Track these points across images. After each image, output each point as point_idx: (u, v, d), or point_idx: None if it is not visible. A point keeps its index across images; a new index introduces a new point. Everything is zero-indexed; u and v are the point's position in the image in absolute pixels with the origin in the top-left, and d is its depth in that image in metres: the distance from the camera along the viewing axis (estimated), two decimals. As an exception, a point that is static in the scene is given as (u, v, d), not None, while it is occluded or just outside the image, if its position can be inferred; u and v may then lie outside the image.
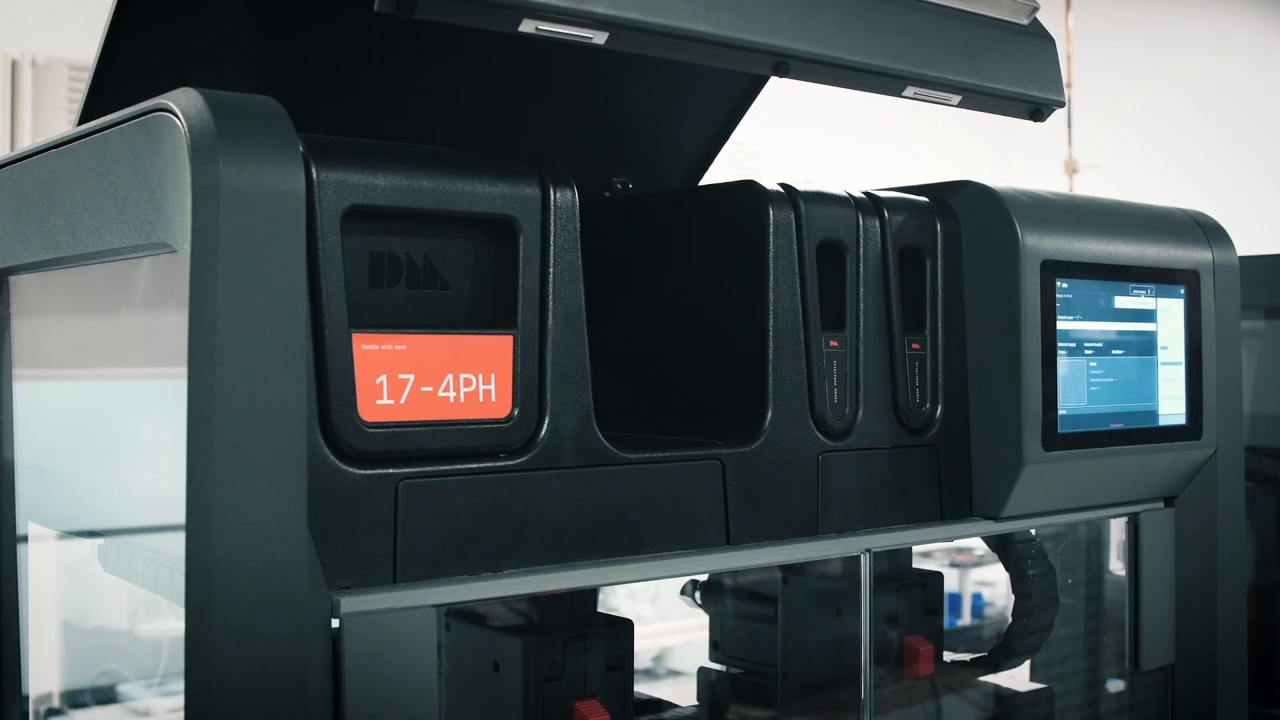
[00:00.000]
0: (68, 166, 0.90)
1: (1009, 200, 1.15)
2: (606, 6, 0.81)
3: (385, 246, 0.86)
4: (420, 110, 1.12)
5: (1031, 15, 1.08)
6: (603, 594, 1.14)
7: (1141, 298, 1.24)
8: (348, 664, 0.77)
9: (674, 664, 4.25)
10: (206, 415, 0.70)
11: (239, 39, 1.04)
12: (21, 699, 1.14)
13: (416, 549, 0.83)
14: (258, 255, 0.72)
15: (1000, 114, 1.09)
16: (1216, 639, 1.32)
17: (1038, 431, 1.14)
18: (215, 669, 0.70)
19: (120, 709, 3.01)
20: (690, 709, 1.28)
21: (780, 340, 1.03)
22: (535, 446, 0.88)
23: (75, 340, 1.05)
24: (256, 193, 0.72)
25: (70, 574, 1.34)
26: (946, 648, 1.34)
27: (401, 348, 0.83)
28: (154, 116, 0.77)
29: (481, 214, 0.87)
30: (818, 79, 0.96)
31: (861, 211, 1.10)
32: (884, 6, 0.98)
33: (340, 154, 0.81)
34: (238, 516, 0.71)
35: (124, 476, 0.97)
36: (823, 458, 1.05)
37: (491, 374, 0.86)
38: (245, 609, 0.71)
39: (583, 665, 1.02)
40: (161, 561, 0.86)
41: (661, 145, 1.31)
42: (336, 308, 0.80)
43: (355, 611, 0.78)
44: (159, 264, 0.84)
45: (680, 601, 1.38)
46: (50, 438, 1.10)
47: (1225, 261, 1.31)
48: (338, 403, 0.80)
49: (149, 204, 0.78)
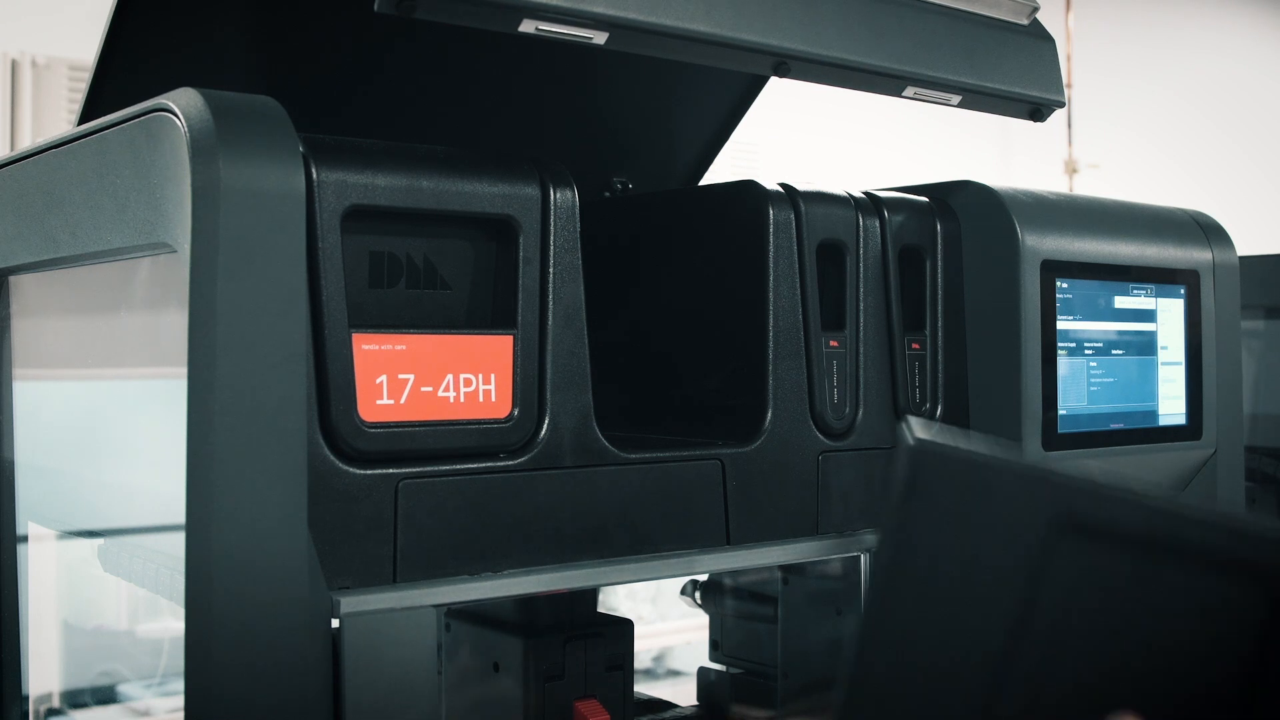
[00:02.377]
0: (68, 166, 0.90)
1: (1009, 200, 1.15)
2: (606, 6, 0.81)
3: (385, 246, 0.86)
4: (420, 110, 1.12)
5: (1031, 15, 1.08)
6: (603, 594, 1.14)
7: (1141, 298, 1.24)
8: (348, 664, 0.77)
9: (674, 664, 4.25)
10: (206, 415, 0.70)
11: (239, 39, 1.04)
12: (21, 699, 1.14)
13: (416, 549, 0.83)
14: (258, 255, 0.72)
15: (1000, 114, 1.09)
16: (1216, 639, 1.32)
17: (1038, 431, 1.14)
18: (215, 669, 0.70)
19: (120, 709, 3.02)
20: (690, 709, 1.28)
21: (780, 340, 1.03)
22: (535, 446, 0.88)
23: (75, 340, 1.05)
24: (256, 193, 0.72)
25: (70, 574, 1.34)
26: (947, 648, 1.34)
27: (401, 348, 0.83)
28: (154, 116, 0.77)
29: (481, 214, 0.87)
30: (818, 79, 0.96)
31: (861, 211, 1.09)
32: (884, 6, 0.98)
33: (340, 154, 0.81)
34: (238, 516, 0.71)
35: (124, 476, 0.97)
36: (823, 458, 1.05)
37: (491, 374, 0.86)
38: (245, 609, 0.71)
39: (583, 665, 1.02)
40: (161, 561, 0.86)
41: (661, 145, 1.31)
42: (336, 308, 0.80)
43: (355, 611, 0.78)
44: (159, 264, 0.84)
45: (680, 601, 1.38)
46: (50, 438, 1.10)
47: (1225, 261, 1.31)
48: (338, 403, 0.80)
49: (149, 204, 0.78)
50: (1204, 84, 6.93)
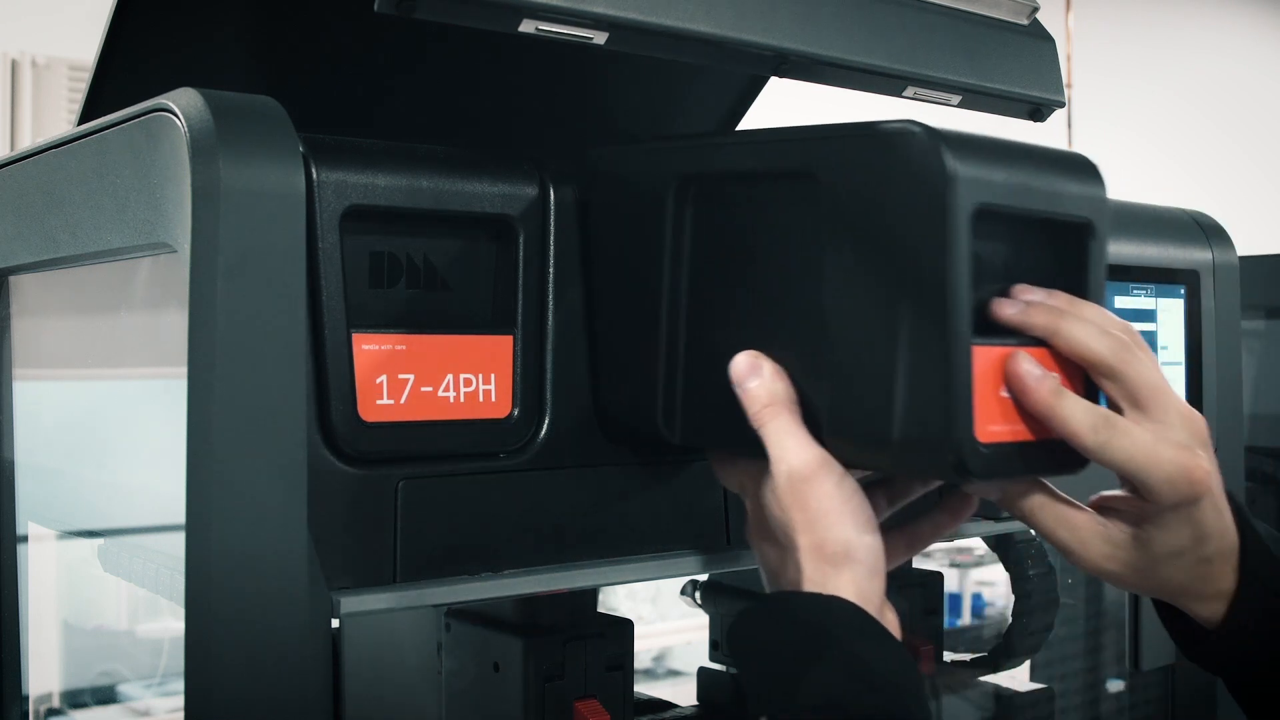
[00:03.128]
0: (68, 166, 0.90)
1: (1009, 200, 1.14)
2: (606, 6, 0.81)
3: (385, 246, 0.86)
4: (420, 110, 1.12)
5: (1031, 15, 1.08)
6: (603, 594, 1.14)
7: (1141, 298, 1.24)
8: (348, 664, 0.77)
9: (674, 664, 4.25)
10: (206, 415, 0.70)
11: (239, 39, 1.04)
12: (21, 699, 1.14)
13: (416, 549, 0.83)
14: (258, 255, 0.72)
15: (1000, 114, 1.09)
16: (1216, 639, 1.32)
17: (1038, 431, 1.13)
18: (215, 669, 0.70)
19: (120, 709, 3.02)
20: (690, 709, 1.28)
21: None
22: (535, 446, 0.88)
23: (75, 340, 1.05)
24: (256, 193, 0.72)
25: (70, 574, 1.34)
26: (946, 648, 1.34)
27: (401, 348, 0.83)
28: (154, 116, 0.77)
29: (481, 214, 0.87)
30: (818, 79, 0.96)
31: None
32: (884, 7, 0.98)
33: (340, 154, 0.81)
34: (238, 516, 0.71)
35: (124, 476, 0.97)
36: (823, 458, 1.05)
37: (491, 374, 0.86)
38: (245, 609, 0.71)
39: (583, 665, 1.02)
40: (161, 561, 0.86)
41: (661, 145, 1.30)
42: (336, 308, 0.80)
43: (355, 611, 0.78)
44: (159, 264, 0.84)
45: (680, 601, 1.38)
46: (50, 438, 1.10)
47: (1225, 261, 1.31)
48: (337, 403, 0.80)
49: (149, 204, 0.78)
50: (1204, 84, 6.93)
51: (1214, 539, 0.83)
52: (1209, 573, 0.84)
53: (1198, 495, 0.81)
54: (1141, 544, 0.83)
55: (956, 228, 0.72)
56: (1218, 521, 0.82)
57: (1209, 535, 0.82)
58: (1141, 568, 0.84)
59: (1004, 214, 0.77)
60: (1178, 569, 0.83)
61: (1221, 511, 0.83)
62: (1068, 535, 0.84)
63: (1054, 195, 0.81)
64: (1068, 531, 0.84)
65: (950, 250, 0.72)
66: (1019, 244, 0.82)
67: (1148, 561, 0.83)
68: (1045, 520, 0.84)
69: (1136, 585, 0.86)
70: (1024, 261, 0.82)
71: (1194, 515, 0.81)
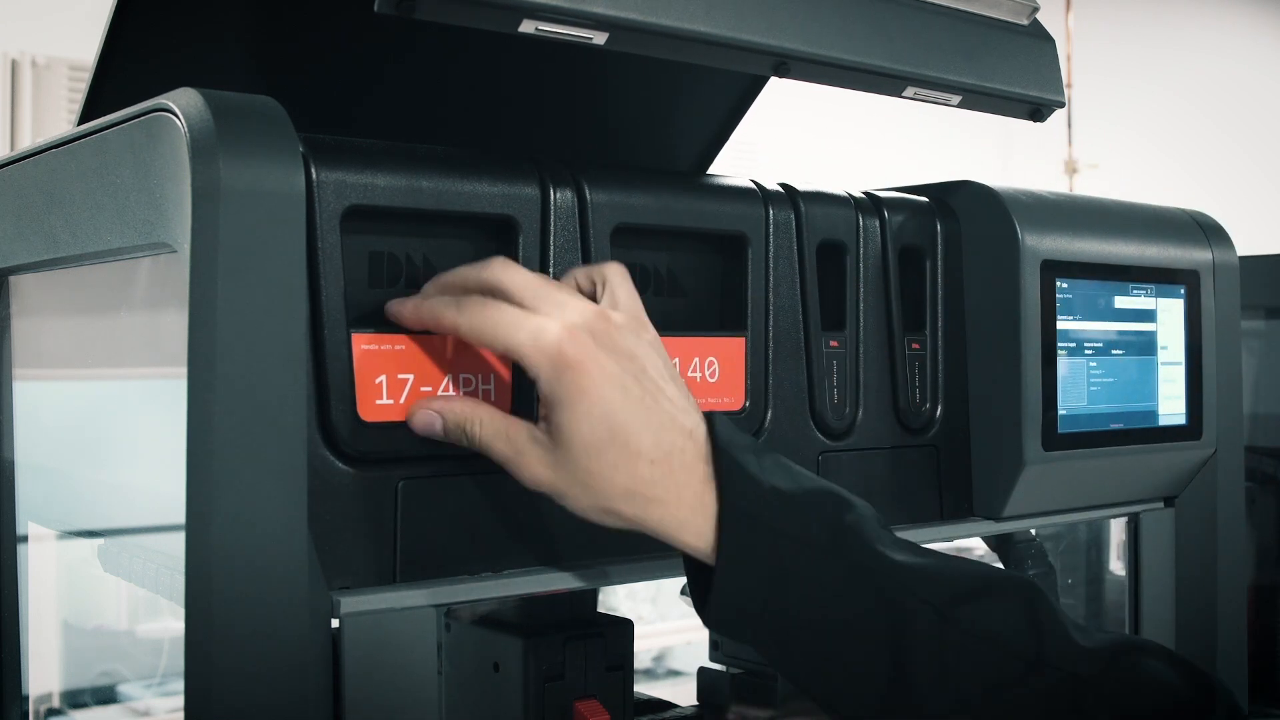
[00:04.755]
0: (68, 166, 0.90)
1: (1009, 200, 1.15)
2: (606, 6, 0.81)
3: (385, 246, 0.86)
4: (420, 110, 1.12)
5: (1031, 15, 1.08)
6: (603, 594, 1.14)
7: (1141, 298, 1.24)
8: (348, 664, 0.77)
9: (674, 664, 4.25)
10: (206, 415, 0.70)
11: (239, 39, 1.04)
12: (21, 699, 1.14)
13: (416, 549, 0.83)
14: (258, 255, 0.72)
15: (1000, 114, 1.09)
16: (1216, 639, 1.32)
17: (1038, 431, 1.14)
18: (215, 669, 0.70)
19: (120, 709, 3.02)
20: (690, 709, 1.28)
21: (780, 340, 1.03)
22: (535, 446, 0.88)
23: (75, 340, 1.05)
24: (256, 193, 0.72)
25: (70, 574, 1.34)
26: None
27: (401, 348, 0.83)
28: (154, 116, 0.77)
29: (481, 214, 0.87)
30: (818, 79, 0.96)
31: (861, 211, 1.10)
32: (884, 7, 0.98)
33: (340, 154, 0.81)
34: (238, 516, 0.71)
35: (124, 476, 0.97)
36: (823, 458, 1.05)
37: (491, 374, 0.86)
38: (245, 609, 0.71)
39: (583, 665, 1.02)
40: (161, 561, 0.86)
41: (662, 145, 1.31)
42: (336, 308, 0.80)
43: (355, 611, 0.78)
44: (159, 264, 0.84)
45: (680, 601, 1.38)
46: (50, 438, 1.10)
47: (1225, 261, 1.31)
48: (337, 403, 0.80)
49: (149, 204, 0.78)
50: (1204, 84, 6.93)
51: (630, 432, 0.76)
52: (658, 477, 0.77)
53: (575, 373, 0.76)
54: (563, 441, 0.77)
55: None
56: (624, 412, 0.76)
57: (618, 427, 0.76)
58: (576, 472, 0.77)
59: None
60: (609, 466, 0.77)
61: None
62: (504, 446, 0.79)
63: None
64: (504, 443, 0.79)
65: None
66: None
67: (575, 459, 0.77)
68: (486, 435, 0.80)
69: (592, 502, 0.79)
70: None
71: (589, 397, 0.76)
